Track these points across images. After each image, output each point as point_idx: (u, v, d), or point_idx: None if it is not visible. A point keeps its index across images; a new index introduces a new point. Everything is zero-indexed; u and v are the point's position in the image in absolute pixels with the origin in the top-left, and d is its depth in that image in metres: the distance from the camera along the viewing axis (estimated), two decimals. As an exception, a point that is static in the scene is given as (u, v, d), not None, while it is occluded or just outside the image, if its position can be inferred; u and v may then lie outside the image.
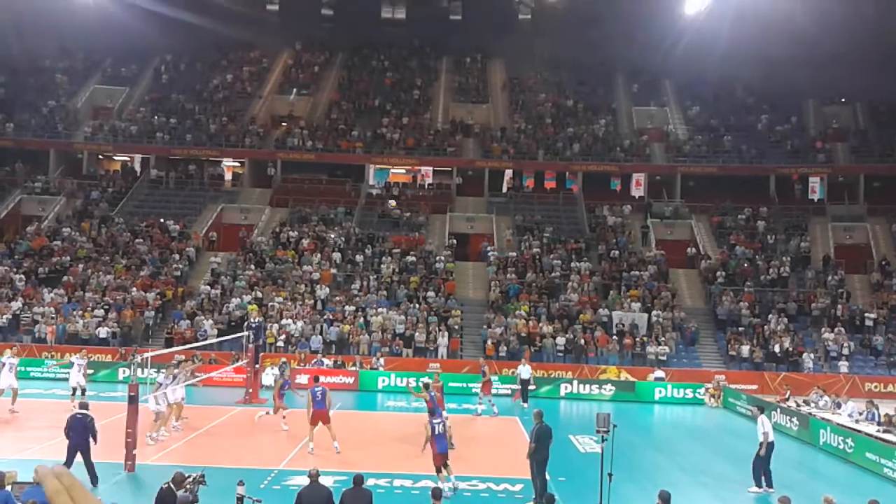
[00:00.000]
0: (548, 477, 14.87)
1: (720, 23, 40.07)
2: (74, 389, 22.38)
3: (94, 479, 14.18)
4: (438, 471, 14.50)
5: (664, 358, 31.60)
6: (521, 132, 47.02)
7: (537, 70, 52.47)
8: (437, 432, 14.52)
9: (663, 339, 32.44)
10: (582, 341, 32.18)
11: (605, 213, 42.12)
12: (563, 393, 28.76)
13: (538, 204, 43.70)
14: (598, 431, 12.09)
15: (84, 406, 15.13)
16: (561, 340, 32.21)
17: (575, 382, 29.22)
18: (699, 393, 28.69)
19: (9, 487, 10.61)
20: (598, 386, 29.05)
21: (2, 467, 11.54)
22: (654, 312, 33.92)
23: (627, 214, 42.29)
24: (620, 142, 46.30)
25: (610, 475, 11.69)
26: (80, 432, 14.37)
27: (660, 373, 29.90)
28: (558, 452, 18.89)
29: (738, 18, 40.17)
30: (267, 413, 20.75)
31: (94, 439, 14.66)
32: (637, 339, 32.47)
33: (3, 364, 21.70)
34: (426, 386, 18.71)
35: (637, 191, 44.88)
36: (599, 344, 32.27)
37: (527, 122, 48.10)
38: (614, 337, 32.62)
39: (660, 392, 28.84)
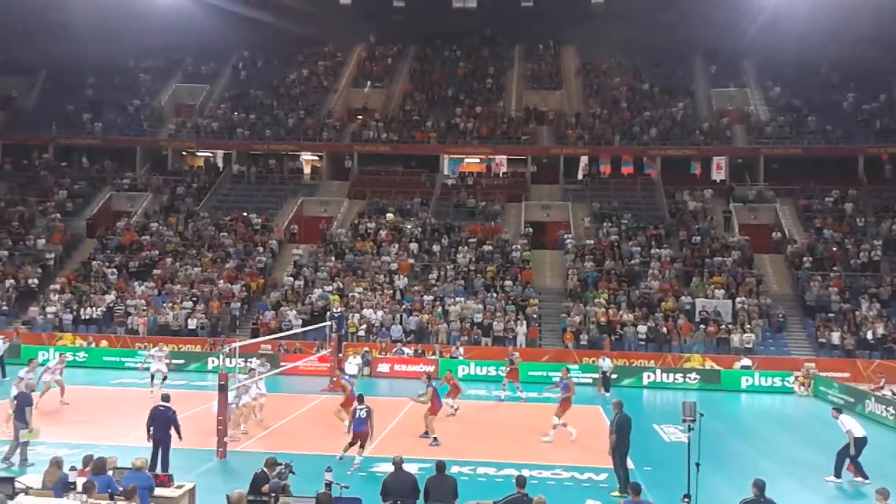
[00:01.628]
0: (631, 466, 14.75)
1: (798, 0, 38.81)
2: (153, 375, 23.33)
3: (164, 468, 14.20)
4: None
5: (750, 346, 30.83)
6: (596, 117, 46.42)
7: (611, 54, 51.71)
8: (356, 417, 15.63)
9: (749, 326, 31.65)
10: (664, 329, 31.65)
11: (686, 197, 41.26)
12: (645, 382, 28.38)
13: (615, 190, 43.11)
14: (683, 420, 11.88)
15: (166, 398, 15.07)
16: (642, 329, 31.76)
17: (658, 371, 28.79)
18: (788, 381, 27.93)
19: (110, 472, 11.07)
20: (681, 375, 28.57)
21: (102, 453, 12.08)
22: (738, 299, 33.11)
23: (708, 199, 41.34)
24: (700, 124, 45.26)
25: (697, 465, 11.50)
26: (161, 424, 14.44)
27: (746, 361, 29.20)
28: (643, 442, 18.73)
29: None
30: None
31: (178, 432, 14.69)
32: (721, 327, 31.76)
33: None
34: (428, 376, 18.96)
35: (718, 174, 43.83)
36: (682, 332, 31.67)
37: (602, 107, 47.48)
38: (699, 325, 31.98)
39: (746, 381, 28.17)
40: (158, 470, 14.05)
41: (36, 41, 45.68)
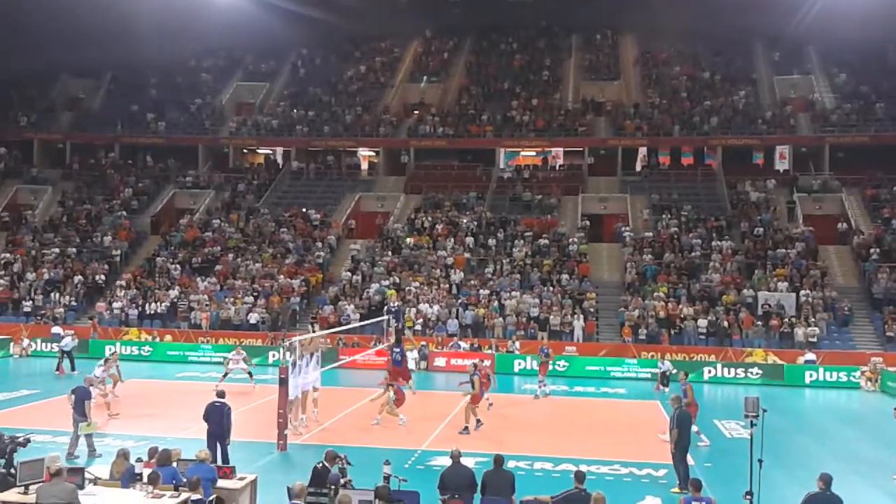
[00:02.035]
0: (691, 462, 14.55)
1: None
2: (250, 374, 23.78)
3: (225, 463, 14.25)
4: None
5: (814, 340, 30.06)
6: (654, 108, 45.77)
7: (671, 43, 50.89)
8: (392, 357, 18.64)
9: (813, 319, 30.87)
10: (725, 323, 31.08)
11: (748, 188, 40.42)
12: (706, 377, 27.93)
13: (675, 181, 42.46)
14: (746, 416, 11.67)
15: (221, 395, 15.20)
16: (702, 323, 31.23)
17: (718, 366, 28.31)
18: (854, 376, 27.21)
19: (174, 464, 11.38)
20: (743, 369, 28.04)
21: (167, 445, 12.42)
22: (802, 292, 32.31)
23: (771, 189, 40.42)
24: (762, 113, 44.26)
25: (760, 461, 11.29)
26: (216, 420, 14.59)
27: (810, 355, 28.48)
28: (704, 437, 18.50)
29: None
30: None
31: (227, 431, 14.76)
32: (785, 321, 31.04)
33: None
34: (475, 365, 19.34)
35: (781, 164, 42.85)
36: (744, 326, 31.06)
37: (661, 97, 46.78)
38: (760, 319, 31.31)
39: (811, 375, 27.54)
40: (219, 464, 14.35)
41: (101, 45, 46.86)
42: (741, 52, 49.62)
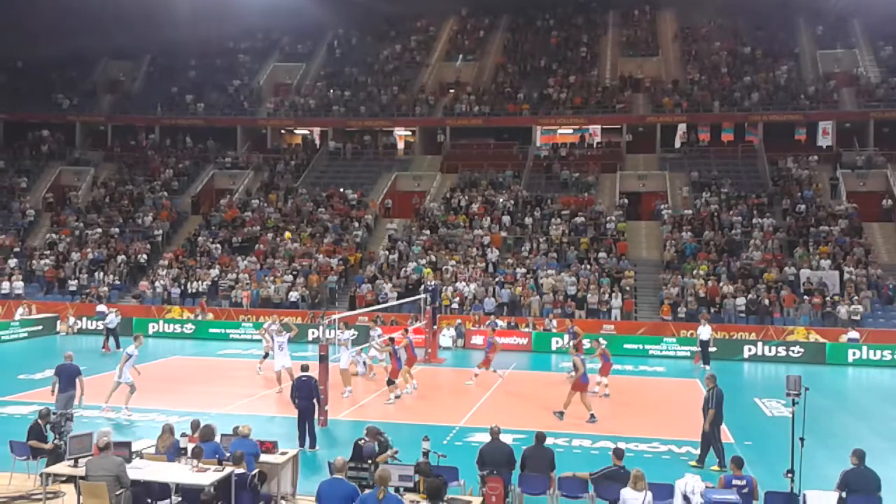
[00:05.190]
0: (731, 440, 14.48)
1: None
2: (267, 354, 22.79)
3: (313, 442, 14.86)
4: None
5: (858, 318, 29.55)
6: (694, 84, 45.06)
7: (711, 17, 49.98)
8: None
9: (857, 297, 30.33)
10: (766, 301, 30.68)
11: (790, 164, 39.72)
12: (746, 355, 27.65)
13: (714, 158, 41.87)
14: (788, 394, 11.54)
15: (305, 368, 15.53)
16: (742, 301, 30.87)
17: (759, 344, 27.98)
18: (899, 355, 26.73)
19: (217, 439, 11.63)
20: (784, 348, 27.69)
21: (209, 421, 12.68)
22: (846, 270, 31.75)
23: (814, 166, 39.66)
24: (805, 88, 43.34)
25: (801, 440, 11.18)
26: (305, 394, 14.88)
27: (853, 333, 28.02)
28: (744, 416, 18.40)
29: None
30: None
31: (318, 401, 15.29)
32: (827, 299, 30.56)
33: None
34: (576, 347, 19.84)
35: (824, 140, 41.98)
36: (785, 304, 30.63)
37: (700, 72, 46.04)
38: (802, 297, 30.87)
39: (853, 354, 27.12)
40: (306, 440, 14.77)
41: (140, 27, 47.46)
42: (783, 26, 48.56)
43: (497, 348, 22.50)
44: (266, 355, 22.85)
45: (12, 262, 36.99)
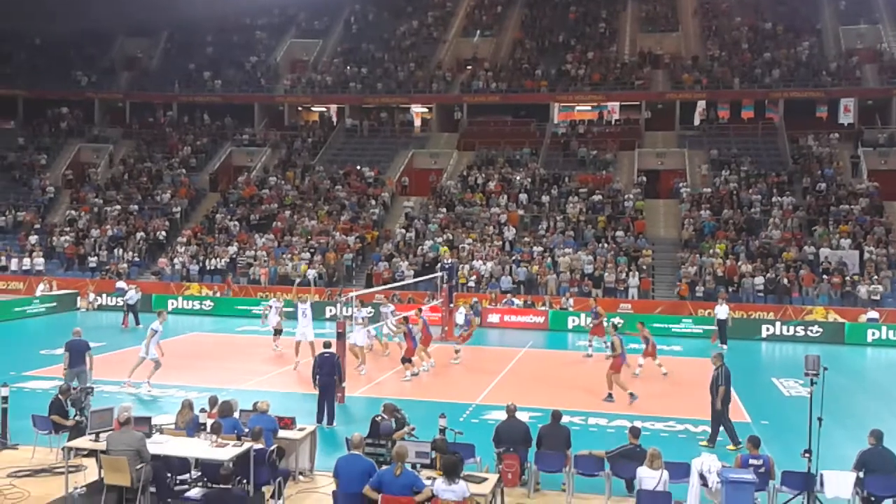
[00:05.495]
0: (748, 419, 14.42)
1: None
2: (278, 331, 23.13)
3: (331, 418, 14.94)
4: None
5: (878, 298, 29.33)
6: (714, 60, 44.55)
7: (732, -8, 49.32)
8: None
9: (877, 277, 30.09)
10: (785, 281, 30.49)
11: (810, 142, 39.29)
12: (764, 335, 27.52)
13: (734, 136, 41.47)
14: (806, 374, 11.47)
15: (328, 345, 15.63)
16: (761, 280, 30.69)
17: (777, 324, 27.84)
18: (919, 335, 26.51)
19: (236, 415, 11.73)
20: (803, 327, 27.52)
21: (228, 397, 12.79)
22: (866, 249, 31.47)
23: (835, 143, 39.22)
24: (826, 65, 42.74)
25: (819, 419, 11.14)
26: (328, 371, 14.98)
27: (873, 313, 27.82)
28: (761, 395, 18.37)
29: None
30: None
31: (341, 378, 15.45)
32: (847, 278, 30.32)
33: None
34: (615, 326, 18.95)
35: (846, 117, 41.38)
36: (804, 283, 30.43)
37: (721, 48, 45.49)
38: (822, 276, 30.64)
39: (873, 334, 26.92)
40: (324, 416, 14.89)
41: (157, 4, 47.44)
42: (805, 1, 47.82)
43: (475, 325, 23.13)
44: (278, 332, 23.09)
45: (33, 238, 37.38)
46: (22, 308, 29.67)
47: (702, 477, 10.35)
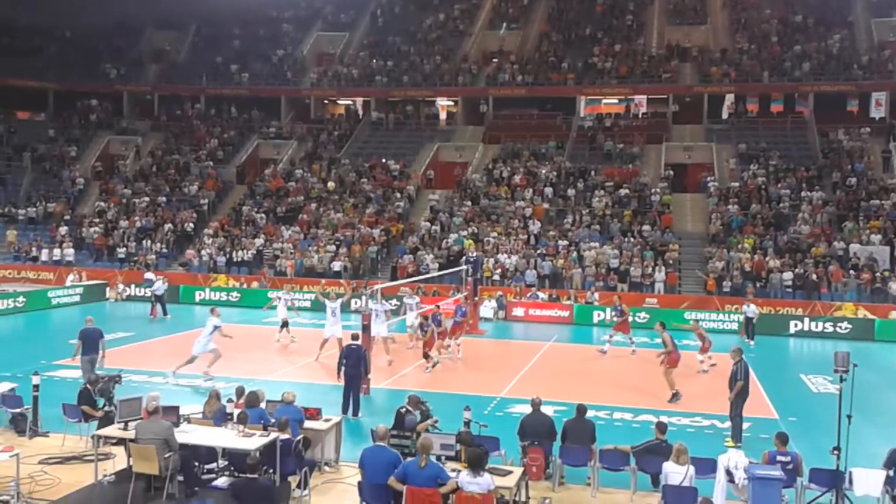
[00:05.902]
0: (776, 416, 14.29)
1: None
2: (285, 322, 23.33)
3: (356, 410, 15.07)
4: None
5: (908, 294, 28.92)
6: (743, 53, 44.03)
7: (762, -16, 48.70)
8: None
9: (908, 273, 29.65)
10: (814, 276, 30.12)
11: (841, 136, 38.74)
12: (792, 331, 27.23)
13: (763, 130, 40.99)
14: (836, 371, 11.35)
15: (355, 337, 15.85)
16: (789, 276, 30.34)
17: (806, 320, 27.50)
18: (951, 333, 26.09)
19: (263, 405, 11.83)
20: (832, 324, 27.18)
21: (254, 387, 12.89)
22: (897, 245, 31.03)
23: (866, 138, 38.61)
24: (858, 58, 42.08)
25: (849, 417, 11.01)
26: (354, 362, 15.11)
27: (904, 310, 27.47)
28: (789, 392, 18.20)
29: None
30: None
31: (367, 370, 15.61)
32: (877, 274, 29.89)
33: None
34: (662, 324, 18.45)
35: (877, 111, 40.75)
36: (833, 279, 30.04)
37: (750, 41, 44.93)
38: (851, 272, 30.23)
39: (904, 331, 26.56)
40: (350, 407, 14.99)
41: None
42: (837, -8, 47.17)
43: (468, 318, 23.15)
44: (284, 324, 23.25)
45: (63, 229, 37.90)
46: (52, 297, 30.07)
47: (728, 473, 10.28)
